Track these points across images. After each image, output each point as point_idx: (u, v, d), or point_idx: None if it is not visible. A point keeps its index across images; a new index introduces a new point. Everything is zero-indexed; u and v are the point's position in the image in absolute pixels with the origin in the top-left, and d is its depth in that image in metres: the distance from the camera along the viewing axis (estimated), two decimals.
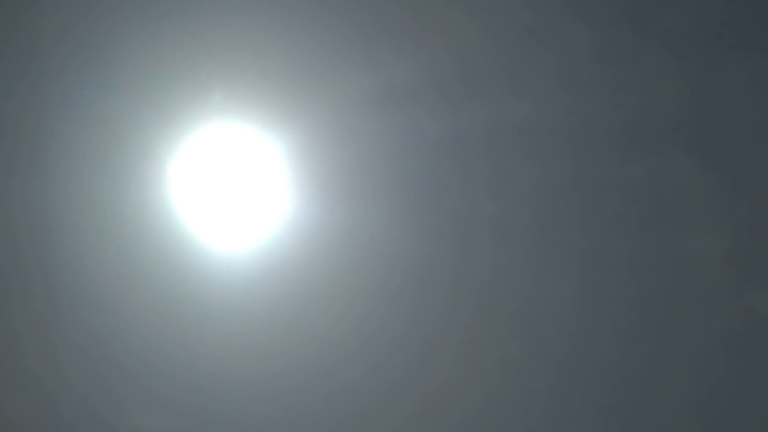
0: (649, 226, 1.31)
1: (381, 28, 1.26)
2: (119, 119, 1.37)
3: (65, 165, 1.39)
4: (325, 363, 1.41)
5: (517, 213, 1.35)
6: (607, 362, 1.34)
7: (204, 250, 1.38)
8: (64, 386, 1.35)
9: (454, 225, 1.32)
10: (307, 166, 1.38)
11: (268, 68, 1.33)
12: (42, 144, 1.36)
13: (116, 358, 1.41)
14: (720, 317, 1.25)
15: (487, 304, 1.39)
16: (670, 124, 1.34)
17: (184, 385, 1.46)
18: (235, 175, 1.43)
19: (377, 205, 1.34)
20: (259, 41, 1.34)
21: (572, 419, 1.31)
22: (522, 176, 1.34)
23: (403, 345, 1.33)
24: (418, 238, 1.31)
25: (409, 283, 1.32)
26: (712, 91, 1.33)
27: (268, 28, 1.31)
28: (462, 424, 1.35)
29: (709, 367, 1.34)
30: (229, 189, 1.43)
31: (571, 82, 1.35)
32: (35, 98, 1.34)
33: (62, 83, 1.32)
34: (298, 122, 1.38)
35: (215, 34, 1.34)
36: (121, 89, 1.36)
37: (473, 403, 1.40)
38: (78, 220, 1.39)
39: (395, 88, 1.30)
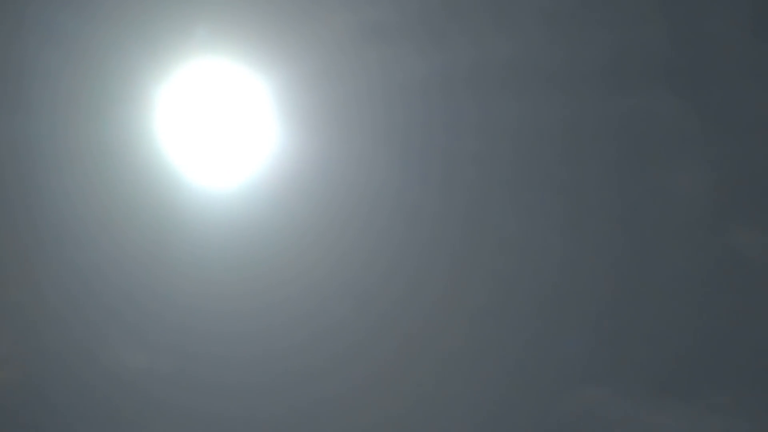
0: (633, 163, 1.32)
1: None
2: (104, 54, 1.37)
3: (49, 100, 1.39)
4: (312, 299, 1.42)
5: (501, 149, 1.36)
6: (589, 293, 1.36)
7: (190, 186, 1.38)
8: (49, 321, 1.35)
9: (440, 160, 1.32)
10: (293, 103, 1.38)
11: (254, 3, 1.32)
12: (25, 78, 1.36)
13: (100, 293, 1.41)
14: (701, 252, 1.26)
15: (470, 239, 1.40)
16: (653, 61, 1.35)
17: (168, 322, 1.47)
18: (221, 111, 1.43)
19: (363, 141, 1.35)
20: None
21: (555, 348, 1.32)
22: (506, 113, 1.34)
23: (391, 278, 1.34)
24: (403, 173, 1.31)
25: (395, 217, 1.33)
26: (696, 30, 1.33)
27: None
28: (451, 354, 1.37)
29: (689, 299, 1.36)
30: (215, 125, 1.43)
31: (556, 19, 1.35)
32: (19, 31, 1.33)
33: (46, 15, 1.31)
34: (283, 59, 1.38)
35: None
36: (106, 23, 1.35)
37: (457, 338, 1.41)
38: (63, 156, 1.39)
39: (381, 24, 1.29)
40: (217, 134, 1.37)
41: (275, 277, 1.41)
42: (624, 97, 1.26)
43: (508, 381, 1.37)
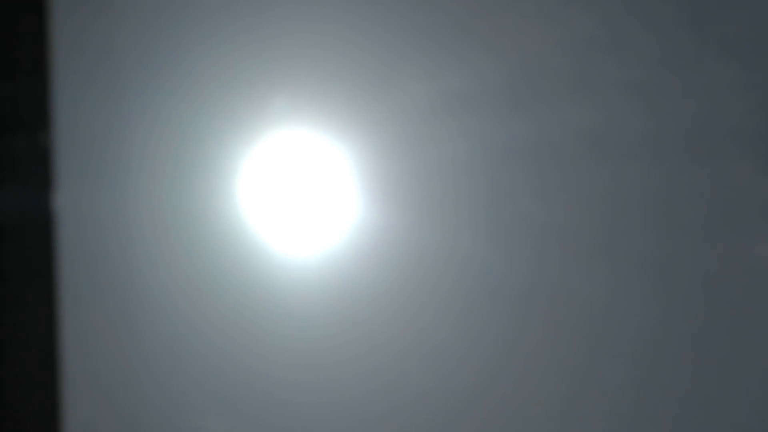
0: (714, 231, 1.32)
1: (448, 33, 1.28)
2: (188, 126, 1.39)
3: (135, 171, 1.41)
4: (395, 371, 1.42)
5: (584, 219, 1.36)
6: (674, 370, 1.35)
7: (273, 255, 1.40)
8: (132, 389, 1.37)
9: (524, 230, 1.33)
10: (375, 171, 1.39)
11: (333, 73, 1.35)
12: (112, 148, 1.39)
13: (183, 362, 1.43)
14: None
15: (555, 311, 1.40)
16: (732, 129, 1.35)
17: (250, 390, 1.48)
18: (302, 180, 1.45)
19: (446, 212, 1.35)
20: (323, 46, 1.36)
21: (640, 428, 1.31)
22: (587, 182, 1.35)
23: (475, 351, 1.34)
24: (487, 244, 1.32)
25: (479, 290, 1.33)
26: None
27: (332, 32, 1.33)
28: (537, 425, 1.36)
29: None
30: (297, 195, 1.44)
31: (634, 88, 1.36)
32: (107, 103, 1.36)
33: (133, 87, 1.35)
34: (364, 127, 1.40)
35: (279, 41, 1.36)
36: (190, 95, 1.38)
37: (542, 409, 1.41)
38: (148, 227, 1.41)
39: (463, 93, 1.31)
40: (299, 203, 1.39)
41: (357, 348, 1.41)
42: (704, 165, 1.25)
43: None
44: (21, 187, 1.38)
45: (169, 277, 1.46)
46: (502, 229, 1.39)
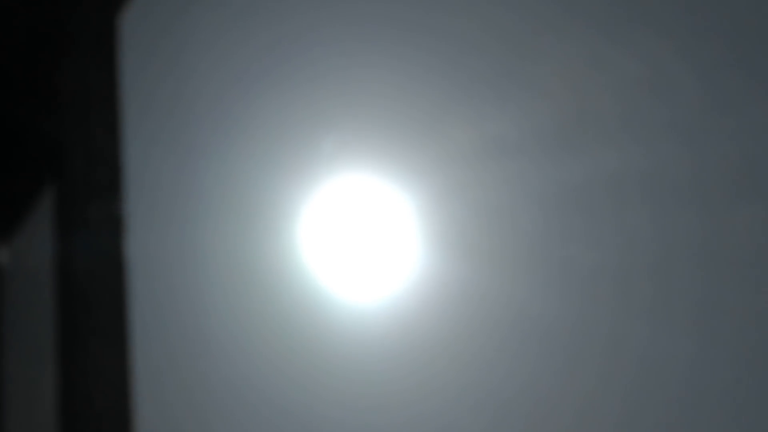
0: (761, 274, 1.36)
1: (496, 77, 1.35)
2: (252, 175, 1.47)
3: (202, 222, 1.49)
4: (450, 415, 1.48)
5: (636, 262, 1.41)
6: (726, 414, 1.38)
7: (334, 301, 1.46)
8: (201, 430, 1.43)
9: (578, 275, 1.38)
10: (430, 217, 1.45)
11: (385, 119, 1.42)
12: (177, 194, 1.46)
13: (251, 404, 1.49)
14: None
15: (607, 354, 1.44)
16: None
17: (307, 431, 1.53)
18: (361, 225, 1.51)
19: (501, 257, 1.41)
20: (369, 92, 1.43)
21: None
22: (640, 225, 1.40)
23: (529, 397, 1.39)
24: (543, 289, 1.37)
25: (533, 337, 1.38)
26: None
27: (383, 79, 1.40)
28: None
29: None
30: (355, 240, 1.51)
31: (682, 131, 1.41)
32: (174, 158, 1.44)
33: (199, 141, 1.43)
34: (417, 173, 1.46)
35: (332, 91, 1.43)
36: (253, 145, 1.46)
37: None
38: (211, 274, 1.49)
39: (510, 137, 1.38)
40: (358, 248, 1.45)
41: (415, 392, 1.46)
42: (755, 208, 1.28)
43: None
44: (94, 244, 1.46)
45: (235, 323, 1.54)
46: (552, 274, 1.45)
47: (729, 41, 1.32)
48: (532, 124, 1.40)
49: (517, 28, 1.44)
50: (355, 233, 1.55)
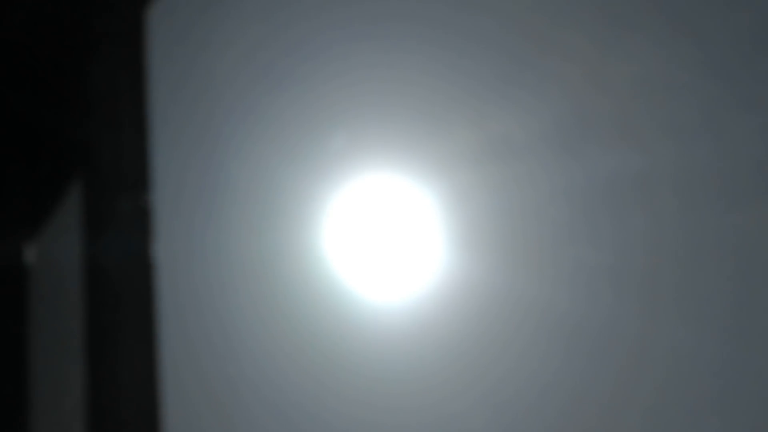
0: (758, 275, 1.34)
1: (498, 79, 1.34)
2: (277, 174, 1.47)
3: (228, 220, 1.48)
4: (476, 415, 1.46)
5: (633, 262, 1.39)
6: (755, 412, 1.36)
7: (357, 299, 1.45)
8: (224, 429, 1.43)
9: (588, 275, 1.37)
10: (458, 215, 1.44)
11: (393, 117, 1.41)
12: (206, 199, 1.46)
13: (274, 404, 1.48)
14: None
15: (629, 355, 1.42)
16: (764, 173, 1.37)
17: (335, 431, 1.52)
18: (386, 224, 1.50)
19: (519, 257, 1.40)
20: (381, 90, 1.43)
21: None
22: (636, 226, 1.38)
23: (549, 401, 1.38)
24: (563, 291, 1.36)
25: (554, 336, 1.37)
26: None
27: (395, 78, 1.40)
28: None
29: None
30: (379, 238, 1.50)
31: (678, 132, 1.39)
32: (200, 155, 1.44)
33: (224, 139, 1.42)
34: (432, 173, 1.45)
35: (345, 90, 1.43)
36: (278, 144, 1.46)
37: None
38: (240, 273, 1.48)
39: (509, 138, 1.37)
40: (381, 247, 1.44)
41: (437, 392, 1.45)
42: (747, 208, 1.27)
43: None
44: (122, 240, 1.46)
45: (261, 323, 1.53)
46: (571, 273, 1.43)
47: (728, 43, 1.30)
48: (537, 125, 1.39)
49: (519, 31, 1.43)
50: (378, 232, 1.54)
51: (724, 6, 1.28)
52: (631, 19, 1.39)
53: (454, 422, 1.53)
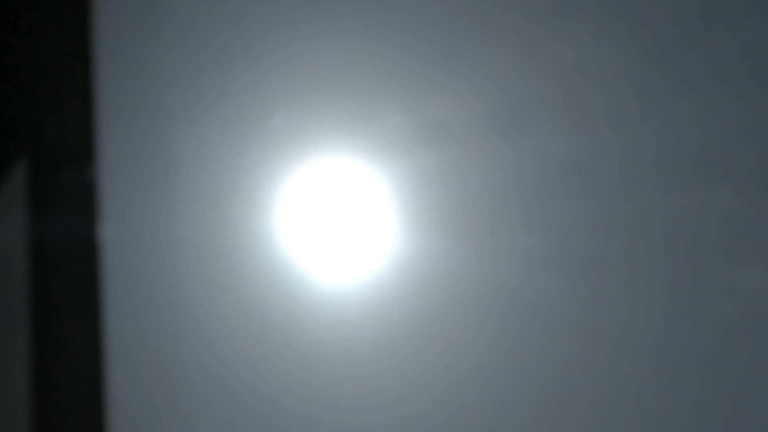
0: (700, 259, 1.34)
1: (437, 63, 1.33)
2: (228, 154, 1.45)
3: (177, 201, 1.46)
4: (428, 401, 1.45)
5: (620, 247, 1.39)
6: (705, 393, 1.37)
7: (312, 283, 1.43)
8: (176, 417, 1.41)
9: (532, 258, 1.36)
10: (411, 197, 1.43)
11: (336, 99, 1.40)
12: (154, 179, 1.44)
13: (225, 388, 1.46)
14: None
15: (591, 336, 1.43)
16: (716, 157, 1.37)
17: (286, 417, 1.51)
18: (336, 206, 1.49)
19: (481, 237, 1.39)
20: (323, 72, 1.41)
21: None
22: (577, 211, 1.38)
23: (505, 386, 1.36)
24: (527, 270, 1.36)
25: (514, 314, 1.36)
26: (758, 125, 1.36)
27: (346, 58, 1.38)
28: None
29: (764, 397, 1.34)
30: (331, 221, 1.48)
31: (619, 117, 1.39)
32: (149, 134, 1.42)
33: (174, 118, 1.40)
34: (400, 153, 1.44)
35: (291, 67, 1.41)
36: (229, 123, 1.43)
37: None
38: (190, 255, 1.46)
39: (441, 122, 1.36)
40: (334, 230, 1.42)
41: (395, 376, 1.43)
42: (689, 193, 1.26)
43: None
44: (67, 217, 1.43)
45: (211, 306, 1.51)
46: (509, 254, 1.42)
47: (666, 29, 1.29)
48: (474, 108, 1.37)
49: (460, 13, 1.42)
50: (330, 215, 1.52)
51: None
52: (579, 3, 1.38)
53: (408, 405, 1.51)
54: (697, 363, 1.26)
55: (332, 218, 1.49)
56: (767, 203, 1.36)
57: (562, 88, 1.28)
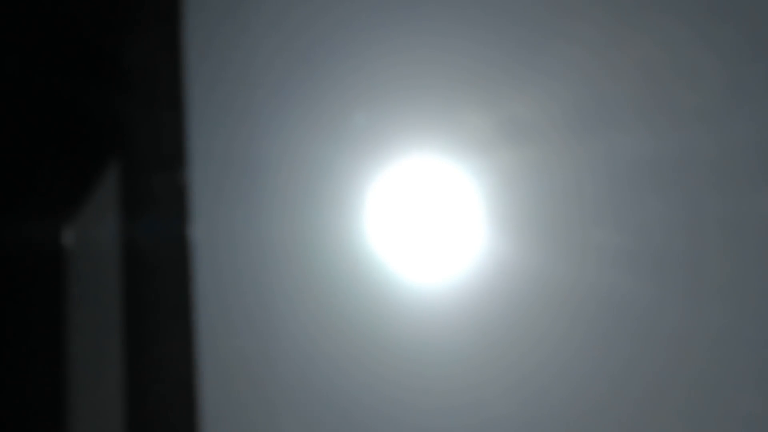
0: None
1: (510, 66, 1.32)
2: (318, 155, 1.46)
3: (267, 201, 1.48)
4: (520, 397, 1.45)
5: (711, 245, 1.37)
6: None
7: (401, 282, 1.44)
8: (268, 415, 1.42)
9: (651, 258, 1.35)
10: (501, 199, 1.42)
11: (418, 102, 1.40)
12: (245, 181, 1.45)
13: (315, 387, 1.47)
14: None
15: (679, 338, 1.41)
16: None
17: (375, 415, 1.51)
18: (422, 207, 1.49)
19: (570, 237, 1.38)
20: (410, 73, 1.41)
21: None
22: (666, 210, 1.36)
23: (593, 388, 1.35)
24: (612, 270, 1.35)
25: (604, 315, 1.35)
26: None
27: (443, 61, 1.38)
28: None
29: None
30: (422, 221, 1.48)
31: (707, 115, 1.37)
32: (239, 136, 1.43)
33: (264, 120, 1.42)
34: (492, 153, 1.44)
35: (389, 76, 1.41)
36: (319, 125, 1.44)
37: None
38: (280, 255, 1.47)
39: (528, 120, 1.35)
40: (422, 229, 1.42)
41: (484, 373, 1.43)
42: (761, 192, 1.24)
43: None
44: (159, 219, 1.45)
45: (300, 305, 1.52)
46: (625, 255, 1.41)
47: (754, 27, 1.27)
48: (560, 106, 1.36)
49: (539, 11, 1.41)
50: (418, 214, 1.52)
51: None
52: (646, 6, 1.36)
53: (494, 405, 1.51)
54: None
55: (420, 218, 1.49)
56: None
57: (648, 85, 1.26)
